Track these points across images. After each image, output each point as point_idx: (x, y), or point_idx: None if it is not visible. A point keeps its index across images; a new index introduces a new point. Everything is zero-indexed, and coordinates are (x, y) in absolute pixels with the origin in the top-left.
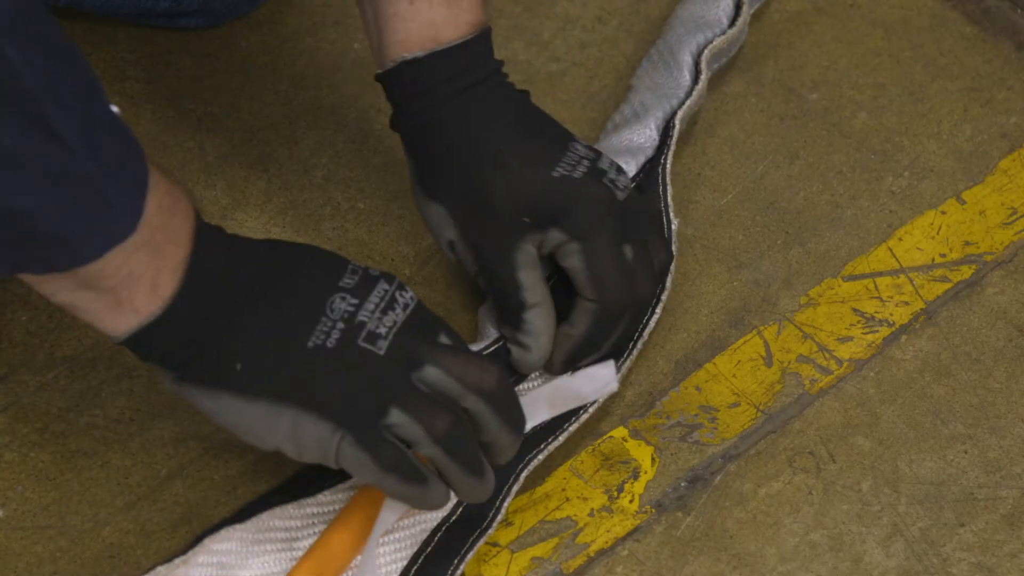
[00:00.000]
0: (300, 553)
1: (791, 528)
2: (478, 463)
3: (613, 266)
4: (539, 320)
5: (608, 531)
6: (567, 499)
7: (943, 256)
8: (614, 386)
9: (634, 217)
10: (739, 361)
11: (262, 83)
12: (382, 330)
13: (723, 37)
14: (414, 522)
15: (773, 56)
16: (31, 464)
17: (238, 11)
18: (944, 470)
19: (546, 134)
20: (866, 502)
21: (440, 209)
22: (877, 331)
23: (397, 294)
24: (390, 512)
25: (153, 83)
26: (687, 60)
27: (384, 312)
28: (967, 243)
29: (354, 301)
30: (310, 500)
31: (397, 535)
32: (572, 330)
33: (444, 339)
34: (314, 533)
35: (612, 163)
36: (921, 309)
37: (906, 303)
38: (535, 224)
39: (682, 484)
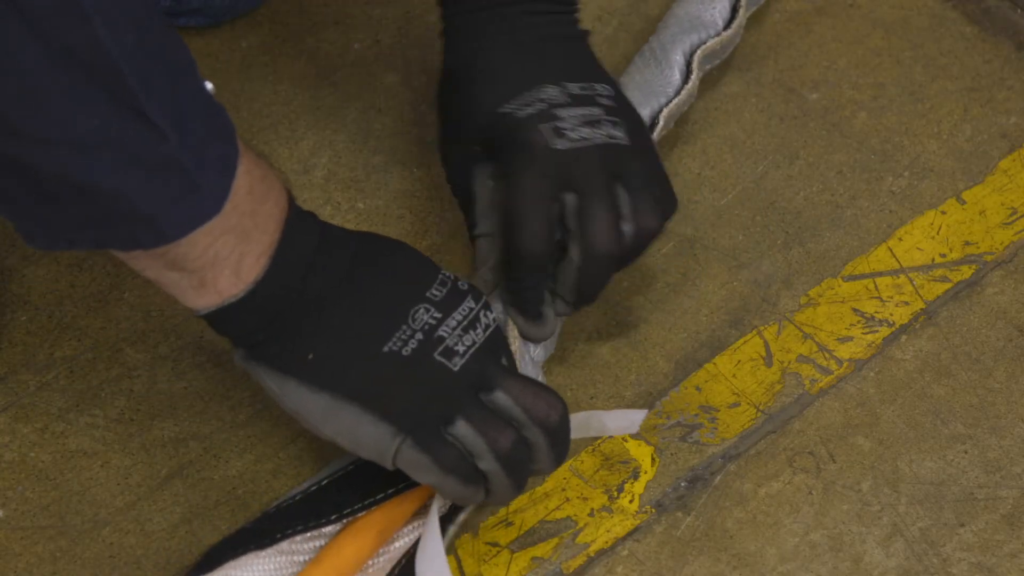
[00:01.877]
0: None
1: (791, 528)
2: (524, 483)
3: (521, 208)
4: (483, 247)
5: (608, 531)
6: (567, 499)
7: (943, 256)
8: (636, 429)
9: (580, 167)
10: (739, 361)
11: (262, 83)
12: (460, 348)
13: (717, 39)
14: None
15: (773, 56)
16: (31, 464)
17: (238, 10)
18: (944, 470)
19: (535, 69)
20: (866, 502)
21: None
22: (877, 331)
23: (481, 314)
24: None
25: None
26: (679, 59)
27: (465, 331)
28: (967, 243)
29: (437, 315)
30: (329, 528)
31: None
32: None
33: (505, 362)
34: None
35: (587, 115)
36: (921, 309)
37: (906, 303)
38: (485, 154)
39: (682, 484)
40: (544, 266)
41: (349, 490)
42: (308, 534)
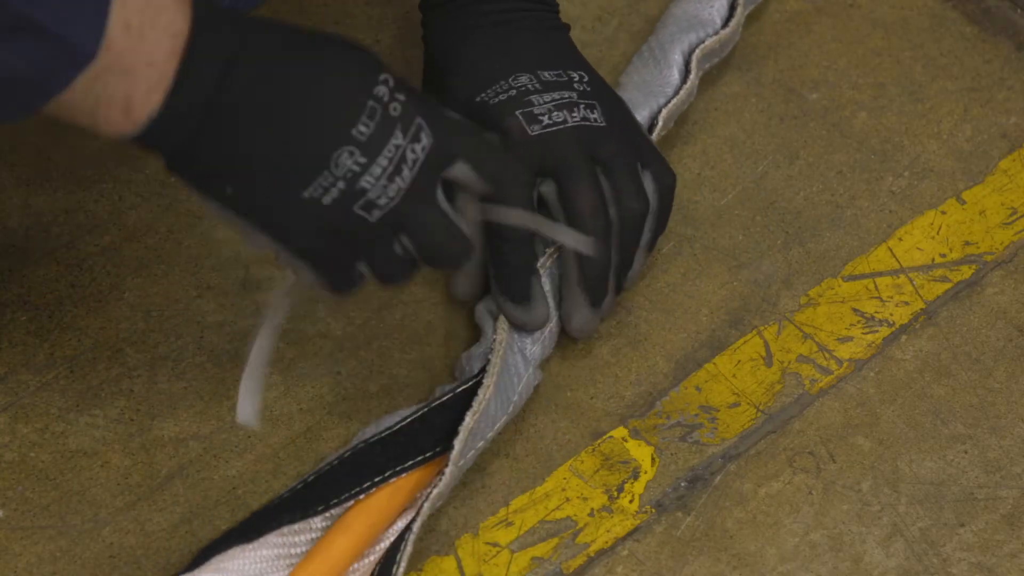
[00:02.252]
0: None
1: (791, 528)
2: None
3: (509, 183)
4: None
5: (608, 531)
6: (567, 499)
7: (943, 256)
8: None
9: (556, 150)
10: (739, 361)
11: None
12: (382, 200)
13: (715, 38)
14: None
15: (773, 56)
16: (31, 464)
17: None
18: (944, 470)
19: (509, 59)
20: (866, 502)
21: None
22: (877, 331)
23: (409, 149)
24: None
25: None
26: (677, 59)
27: (391, 178)
28: (967, 243)
29: (361, 160)
30: (317, 519)
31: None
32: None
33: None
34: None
35: (559, 99)
36: (921, 309)
37: (906, 303)
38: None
39: (682, 484)
40: (528, 246)
41: (335, 484)
42: (296, 526)
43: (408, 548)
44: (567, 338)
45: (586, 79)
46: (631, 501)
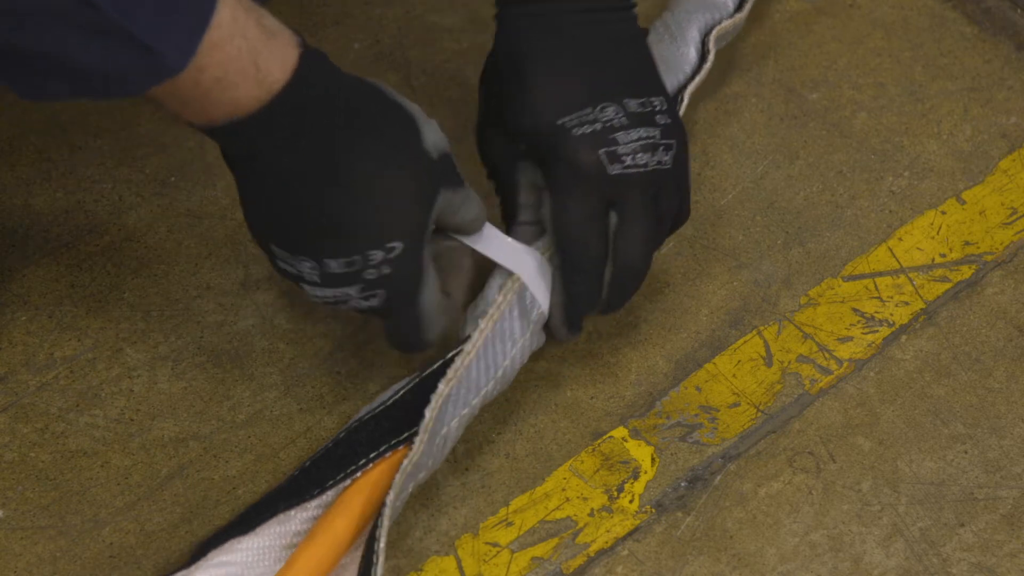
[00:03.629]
0: None
1: (791, 528)
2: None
3: (575, 229)
4: (525, 234)
5: (608, 531)
6: (567, 499)
7: (943, 256)
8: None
9: (633, 187)
10: (739, 361)
11: None
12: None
13: (730, 20)
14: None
15: (773, 56)
16: (31, 464)
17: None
18: (944, 470)
19: (599, 80)
20: (866, 502)
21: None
22: (877, 331)
23: (356, 299)
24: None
25: None
26: (694, 36)
27: (331, 300)
28: (967, 243)
29: (355, 262)
30: (314, 502)
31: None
32: (554, 290)
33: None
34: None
35: (646, 138)
36: (921, 309)
37: (906, 303)
38: (528, 156)
39: (682, 484)
40: (599, 279)
41: (330, 466)
42: (292, 512)
43: (385, 523)
44: None
45: (665, 107)
46: (631, 501)
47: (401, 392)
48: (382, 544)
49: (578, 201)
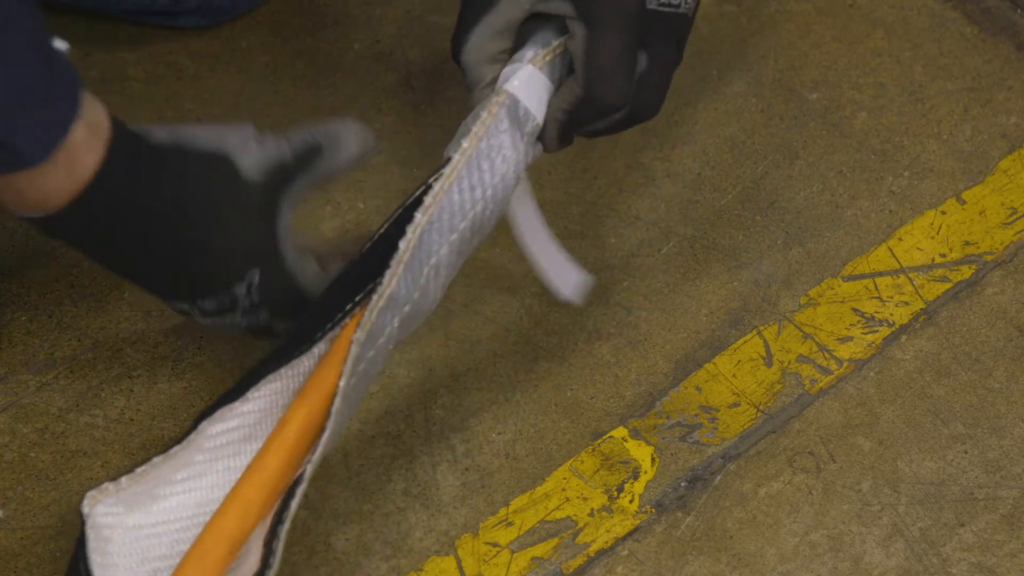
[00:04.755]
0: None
1: (791, 528)
2: None
3: (611, 64)
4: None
5: (608, 531)
6: (567, 499)
7: (943, 256)
8: (574, 298)
9: (663, 28)
10: (739, 361)
11: (262, 83)
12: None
13: None
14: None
15: (773, 56)
16: (31, 464)
17: (238, 10)
18: (944, 470)
19: None
20: (866, 502)
21: None
22: (877, 331)
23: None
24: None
25: (153, 83)
26: None
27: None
28: (967, 243)
29: (196, 313)
30: (305, 357)
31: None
32: (556, 100)
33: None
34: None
35: None
36: (921, 309)
37: (906, 303)
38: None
39: (682, 484)
40: (614, 115)
41: (316, 319)
42: (281, 370)
43: (349, 362)
44: (568, 339)
45: None
46: (631, 501)
47: (384, 226)
48: (343, 382)
49: (616, 34)
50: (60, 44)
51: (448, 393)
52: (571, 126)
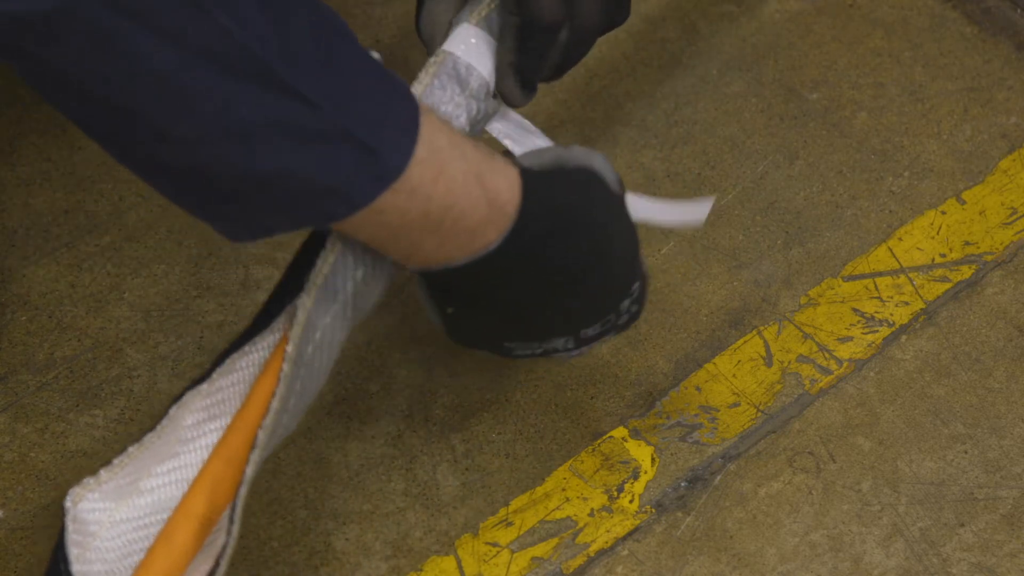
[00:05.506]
0: None
1: (791, 528)
2: None
3: None
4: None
5: (608, 531)
6: (567, 499)
7: (943, 256)
8: (700, 222)
9: None
10: (739, 361)
11: None
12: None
13: None
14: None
15: (773, 56)
16: (31, 464)
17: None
18: (944, 470)
19: None
20: (866, 502)
21: None
22: (877, 331)
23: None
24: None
25: None
26: None
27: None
28: (967, 243)
29: (572, 344)
30: (267, 332)
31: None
32: (500, 49)
33: None
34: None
35: None
36: (921, 309)
37: (906, 303)
38: None
39: (682, 484)
40: (555, 39)
41: (278, 300)
42: (245, 347)
43: (296, 330)
44: None
45: None
46: (631, 501)
47: None
48: (291, 348)
49: None
50: (374, 54)
51: (448, 393)
52: (525, 67)
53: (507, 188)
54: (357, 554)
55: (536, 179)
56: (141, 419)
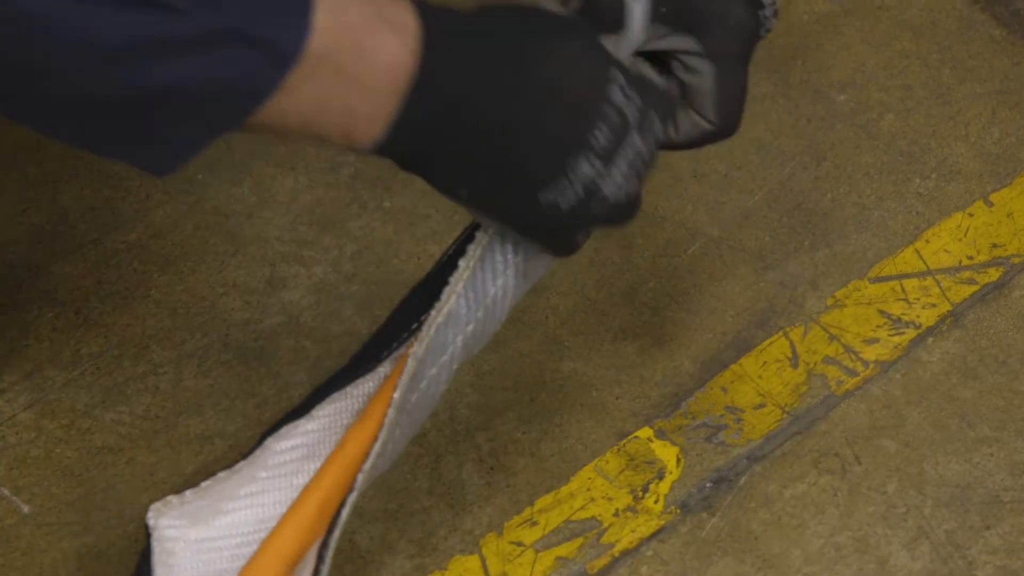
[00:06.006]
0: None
1: (816, 530)
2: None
3: (739, 95)
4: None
5: (633, 531)
6: (592, 499)
7: (970, 258)
8: None
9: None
10: (765, 362)
11: None
12: (621, 196)
13: None
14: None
15: (801, 58)
16: (57, 460)
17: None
18: (970, 472)
19: None
20: (891, 504)
21: None
22: (903, 333)
23: (646, 151)
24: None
25: None
26: None
27: (630, 181)
28: (994, 245)
29: (600, 167)
30: (369, 376)
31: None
32: (676, 137)
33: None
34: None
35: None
36: (948, 311)
37: (933, 305)
38: (665, 19)
39: (707, 485)
40: None
41: (378, 345)
42: (347, 389)
43: (405, 378)
44: (594, 339)
45: None
46: (656, 502)
47: (452, 247)
48: (392, 414)
49: (741, 63)
50: None
51: (473, 392)
52: (671, 148)
53: (405, 11)
54: (381, 552)
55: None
56: (167, 416)
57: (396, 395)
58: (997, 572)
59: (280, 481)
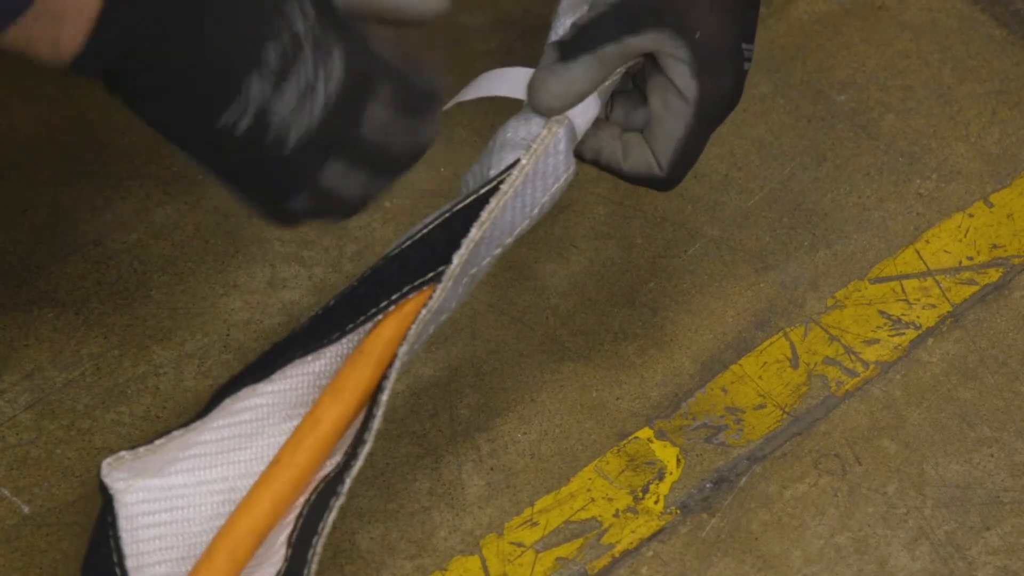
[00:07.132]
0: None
1: (816, 530)
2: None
3: (696, 156)
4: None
5: (633, 532)
6: (592, 500)
7: (970, 259)
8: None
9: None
10: (765, 363)
11: None
12: (294, 133)
13: None
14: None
15: (801, 58)
16: (57, 461)
17: None
18: (970, 473)
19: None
20: (892, 505)
21: None
22: (904, 333)
23: (321, 79)
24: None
25: None
26: None
27: (302, 109)
28: (994, 246)
29: (268, 88)
30: (331, 348)
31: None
32: (623, 166)
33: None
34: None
35: None
36: (948, 312)
37: (933, 306)
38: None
39: (707, 485)
40: None
41: (350, 308)
42: (309, 357)
43: (393, 375)
44: (593, 339)
45: None
46: (656, 502)
47: (430, 227)
48: (384, 396)
49: (713, 127)
50: None
51: (474, 392)
52: (615, 174)
53: None
54: (382, 553)
55: None
56: (167, 416)
57: (383, 397)
58: (997, 573)
59: (237, 442)
